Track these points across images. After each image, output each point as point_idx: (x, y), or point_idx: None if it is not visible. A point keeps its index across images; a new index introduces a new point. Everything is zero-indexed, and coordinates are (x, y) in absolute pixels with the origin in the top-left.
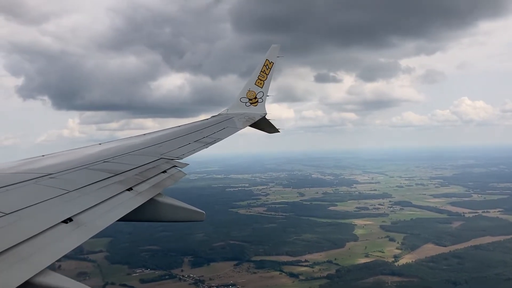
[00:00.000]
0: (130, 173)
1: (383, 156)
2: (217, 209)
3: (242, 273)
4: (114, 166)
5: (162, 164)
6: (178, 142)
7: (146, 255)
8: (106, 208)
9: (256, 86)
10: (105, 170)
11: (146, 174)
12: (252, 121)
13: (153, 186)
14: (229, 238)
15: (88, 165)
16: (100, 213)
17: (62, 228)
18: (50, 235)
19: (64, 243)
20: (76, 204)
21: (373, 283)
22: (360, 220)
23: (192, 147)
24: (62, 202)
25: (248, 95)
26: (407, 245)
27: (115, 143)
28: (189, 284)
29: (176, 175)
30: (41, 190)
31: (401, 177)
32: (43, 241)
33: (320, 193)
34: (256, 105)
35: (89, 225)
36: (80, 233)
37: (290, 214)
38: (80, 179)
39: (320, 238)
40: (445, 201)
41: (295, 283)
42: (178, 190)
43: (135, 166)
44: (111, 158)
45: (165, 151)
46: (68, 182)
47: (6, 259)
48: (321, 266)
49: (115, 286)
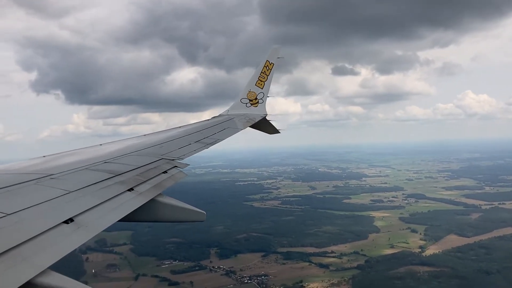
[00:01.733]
0: (131, 173)
1: (386, 150)
2: (231, 202)
3: (271, 264)
4: (115, 167)
5: (163, 165)
6: (178, 142)
7: (171, 247)
8: (107, 208)
9: (257, 87)
10: (106, 170)
11: (147, 175)
12: (253, 122)
13: (154, 186)
14: (250, 230)
15: (89, 165)
16: (101, 214)
17: (63, 229)
18: (51, 236)
19: (65, 244)
20: (77, 204)
21: (405, 273)
22: (377, 212)
23: (192, 148)
24: (63, 203)
25: (249, 96)
26: (430, 236)
27: (115, 144)
28: (221, 275)
29: (176, 176)
30: (42, 190)
31: (409, 171)
32: (44, 241)
33: (331, 186)
34: (256, 106)
35: (90, 225)
36: (81, 234)
37: (305, 207)
38: (81, 180)
39: (341, 230)
40: (458, 193)
41: (326, 273)
42: (188, 185)
43: (136, 166)
44: (112, 158)
45: (166, 152)
46: (69, 183)
47: (8, 259)
48: (349, 257)
49: (147, 277)
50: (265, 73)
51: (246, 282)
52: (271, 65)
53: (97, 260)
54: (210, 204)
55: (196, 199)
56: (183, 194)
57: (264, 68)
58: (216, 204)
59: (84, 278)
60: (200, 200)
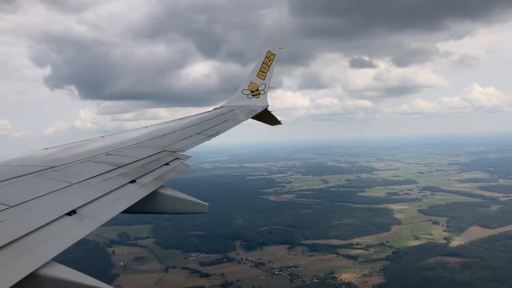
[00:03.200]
0: (133, 165)
1: (392, 144)
2: (245, 196)
3: (298, 255)
4: (117, 159)
5: (165, 157)
6: (180, 134)
7: (195, 240)
8: (109, 200)
9: (258, 78)
10: (108, 162)
11: (149, 167)
12: (254, 113)
13: (156, 178)
14: (271, 223)
15: (91, 157)
16: (103, 206)
17: (66, 221)
18: (54, 228)
19: (68, 235)
20: (79, 196)
21: (435, 264)
22: (394, 205)
23: (194, 140)
24: (65, 195)
25: (250, 87)
26: (453, 227)
27: (117, 136)
28: (250, 266)
29: (178, 168)
30: (44, 182)
31: (418, 164)
32: (47, 233)
33: (343, 180)
34: (258, 97)
35: (93, 217)
36: (84, 226)
37: (321, 200)
38: (83, 172)
39: (363, 222)
40: (473, 186)
41: (355, 264)
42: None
43: (138, 158)
44: (114, 150)
45: (168, 144)
46: (71, 175)
47: (11, 251)
48: (375, 249)
49: (176, 269)
50: (267, 64)
51: (277, 273)
52: (272, 56)
53: (123, 253)
54: (225, 198)
55: (211, 193)
56: (195, 188)
57: (265, 59)
58: (232, 198)
59: (114, 271)
60: (215, 194)
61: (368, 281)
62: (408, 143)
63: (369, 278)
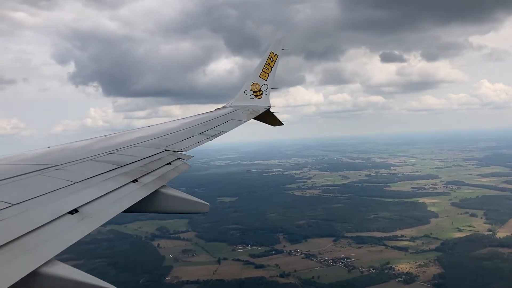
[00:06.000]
0: (135, 165)
1: (399, 141)
2: (270, 191)
3: (345, 247)
4: (119, 158)
5: (167, 156)
6: (182, 134)
7: (236, 233)
8: (111, 199)
9: (261, 78)
10: (110, 161)
11: (151, 166)
12: (256, 114)
13: (158, 178)
14: (306, 217)
15: (93, 156)
16: (105, 205)
17: (67, 219)
18: (56, 226)
19: (70, 234)
20: (81, 195)
21: (489, 254)
22: (424, 199)
23: (196, 140)
24: (67, 194)
25: (253, 87)
26: (493, 220)
27: (120, 135)
28: (302, 258)
29: (180, 167)
30: (46, 181)
31: (433, 160)
32: (49, 232)
33: (363, 175)
34: (260, 98)
35: (95, 216)
36: (86, 224)
37: (349, 195)
38: (86, 171)
39: (399, 215)
40: (497, 180)
41: (407, 255)
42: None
43: (140, 158)
44: (116, 150)
45: (170, 143)
46: (73, 174)
47: (13, 249)
48: (422, 240)
49: (228, 261)
50: (269, 64)
51: (331, 264)
52: (275, 56)
53: (168, 246)
54: (251, 193)
55: (234, 188)
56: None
57: (268, 60)
58: (257, 194)
59: (166, 263)
60: (239, 189)
61: (426, 271)
62: (416, 139)
63: (426, 268)
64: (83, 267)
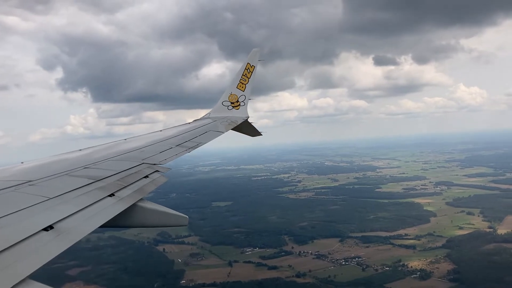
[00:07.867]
0: (111, 178)
1: (378, 144)
2: (263, 195)
3: (353, 247)
4: (95, 172)
5: (144, 169)
6: (160, 147)
7: (240, 236)
8: (87, 214)
9: (238, 89)
10: (85, 176)
11: (127, 180)
12: (235, 125)
13: (135, 191)
14: (307, 219)
15: (68, 171)
16: (81, 220)
17: (43, 236)
18: (31, 243)
19: (45, 251)
20: (56, 211)
21: (495, 249)
22: (418, 199)
23: (174, 152)
24: (42, 210)
25: (230, 98)
26: (490, 217)
27: (96, 148)
28: (313, 258)
29: (158, 180)
30: (20, 197)
31: (416, 162)
32: (24, 249)
33: (351, 178)
34: (238, 109)
35: (71, 232)
36: (61, 241)
37: (343, 197)
38: (61, 186)
39: (399, 215)
40: (484, 179)
41: (416, 253)
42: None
43: (117, 171)
44: (92, 164)
45: (147, 156)
46: (48, 189)
47: None
48: (427, 239)
49: (239, 263)
50: (246, 75)
51: (344, 263)
52: (252, 67)
53: (174, 251)
54: (245, 197)
55: (227, 193)
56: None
57: (245, 71)
58: (251, 198)
59: (176, 267)
60: (230, 194)
61: (438, 267)
62: (394, 143)
63: (438, 265)
64: (90, 273)
